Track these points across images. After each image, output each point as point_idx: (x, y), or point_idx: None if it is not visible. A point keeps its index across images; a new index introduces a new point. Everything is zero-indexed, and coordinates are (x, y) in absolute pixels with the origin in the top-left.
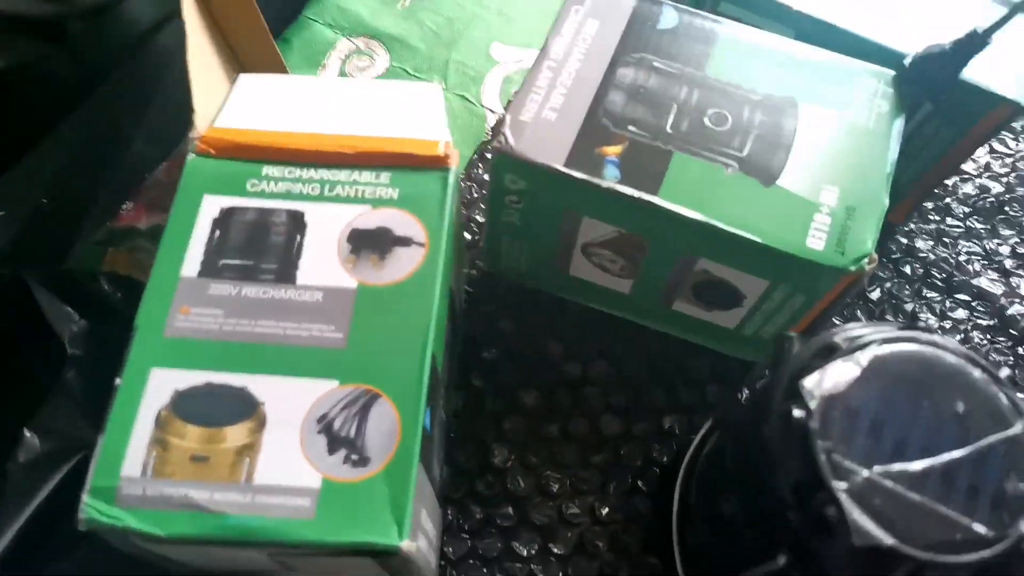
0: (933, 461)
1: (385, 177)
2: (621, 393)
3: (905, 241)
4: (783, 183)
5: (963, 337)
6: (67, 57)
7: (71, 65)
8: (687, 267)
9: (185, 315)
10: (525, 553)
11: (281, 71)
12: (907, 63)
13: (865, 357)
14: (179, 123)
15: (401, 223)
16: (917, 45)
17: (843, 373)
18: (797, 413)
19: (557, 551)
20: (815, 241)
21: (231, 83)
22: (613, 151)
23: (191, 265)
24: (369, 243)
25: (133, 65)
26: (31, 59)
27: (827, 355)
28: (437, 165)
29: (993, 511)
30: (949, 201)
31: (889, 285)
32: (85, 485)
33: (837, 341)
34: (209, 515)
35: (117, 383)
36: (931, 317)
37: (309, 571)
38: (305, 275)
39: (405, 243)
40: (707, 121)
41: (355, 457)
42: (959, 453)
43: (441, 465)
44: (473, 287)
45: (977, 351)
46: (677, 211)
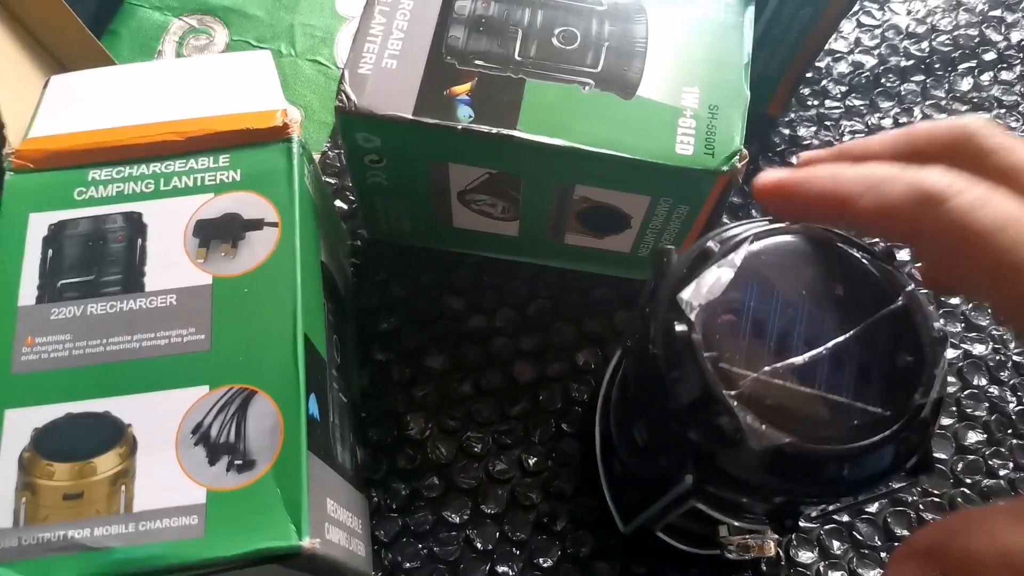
0: (820, 350)
1: (224, 160)
2: (530, 337)
3: (787, 132)
4: (643, 93)
5: None
6: None
7: None
8: (566, 197)
9: (31, 347)
10: (458, 520)
11: (108, 64)
12: None
13: (739, 257)
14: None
15: (249, 206)
16: None
17: (719, 277)
18: (679, 327)
19: (490, 511)
20: (683, 147)
21: None
22: (463, 90)
23: (28, 292)
24: (217, 233)
25: None
26: None
27: (702, 262)
28: (277, 137)
29: (887, 390)
30: (825, 83)
31: None
32: None
33: (710, 246)
34: (93, 553)
35: None
36: None
37: None
38: (153, 280)
39: (256, 226)
40: (555, 41)
41: (239, 462)
42: (844, 337)
43: (352, 450)
44: (359, 257)
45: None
46: (539, 141)
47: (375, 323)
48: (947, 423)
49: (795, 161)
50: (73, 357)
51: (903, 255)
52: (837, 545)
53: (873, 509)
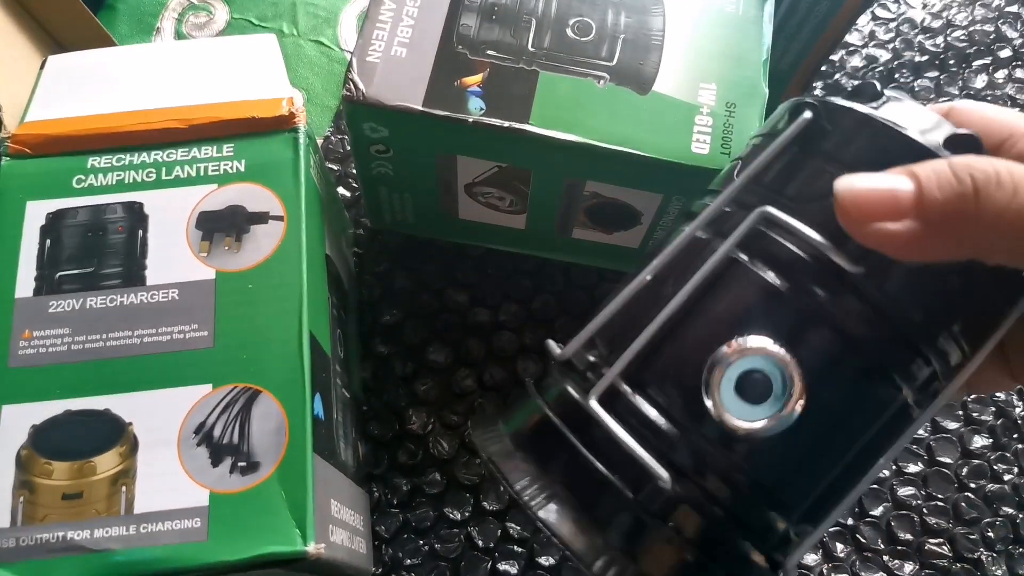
0: None
1: (228, 149)
2: (534, 332)
3: None
4: (659, 88)
5: None
6: None
7: None
8: (575, 192)
9: (28, 341)
10: (459, 517)
11: (107, 44)
12: None
13: None
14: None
15: (253, 198)
16: None
17: None
18: None
19: (492, 508)
20: (699, 145)
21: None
22: (474, 81)
23: (25, 284)
24: (221, 225)
25: None
26: None
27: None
28: (283, 126)
29: None
30: (839, 77)
31: None
32: None
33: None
34: (93, 556)
35: None
36: None
37: None
38: (155, 273)
39: (261, 219)
40: (570, 32)
41: (242, 464)
42: None
43: (354, 445)
44: (362, 248)
45: None
46: (552, 136)
47: (377, 315)
48: (953, 427)
49: None
50: (72, 352)
51: None
52: (840, 548)
53: (877, 512)
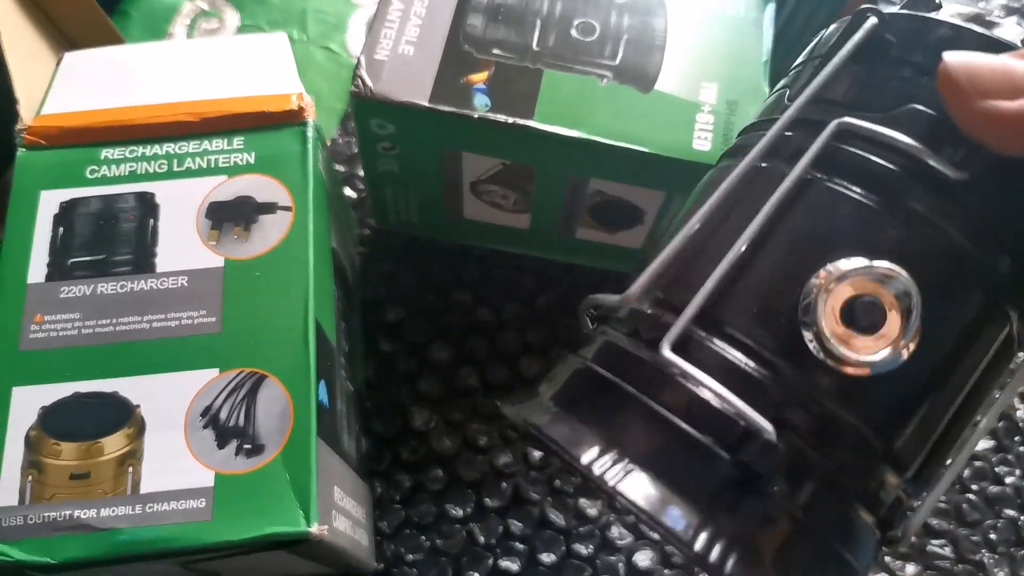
0: None
1: (238, 142)
2: (536, 332)
3: None
4: (661, 87)
5: None
6: None
7: None
8: (580, 190)
9: (39, 325)
10: (461, 513)
11: (118, 44)
12: None
13: None
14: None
15: (262, 188)
16: None
17: None
18: None
19: (494, 505)
20: (701, 142)
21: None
22: (480, 78)
23: (37, 270)
24: (230, 215)
25: None
26: None
27: None
28: (293, 121)
29: None
30: None
31: None
32: None
33: None
34: (99, 534)
35: None
36: None
37: (236, 572)
38: (165, 261)
39: (269, 209)
40: (574, 33)
41: (248, 446)
42: None
43: (357, 439)
44: (366, 247)
45: None
46: (556, 132)
47: (381, 313)
48: None
49: None
50: (82, 336)
51: None
52: None
53: None
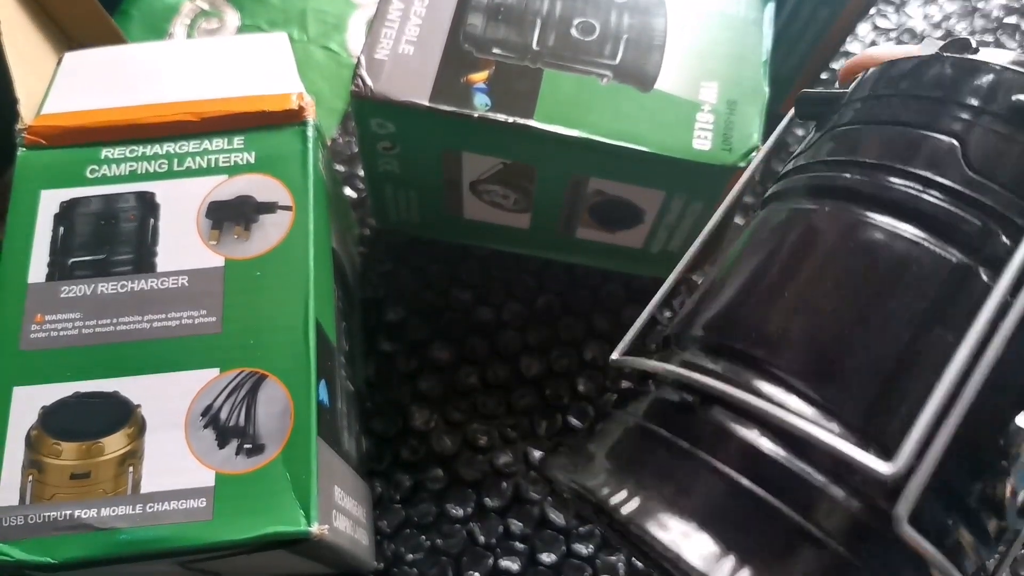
0: None
1: (238, 141)
2: (537, 332)
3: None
4: (661, 86)
5: None
6: None
7: None
8: (580, 190)
9: (40, 324)
10: (461, 513)
11: (119, 43)
12: None
13: None
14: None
15: (263, 188)
16: None
17: None
18: None
19: (494, 505)
20: (701, 142)
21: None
22: (480, 77)
23: (37, 269)
24: (231, 215)
25: None
26: None
27: None
28: (293, 120)
29: None
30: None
31: None
32: None
33: None
34: (99, 533)
35: None
36: None
37: (236, 573)
38: (165, 260)
39: (270, 209)
40: (574, 32)
41: (248, 446)
42: None
43: (358, 438)
44: (367, 247)
45: None
46: (556, 131)
47: (381, 313)
48: None
49: None
50: (83, 336)
51: None
52: None
53: None
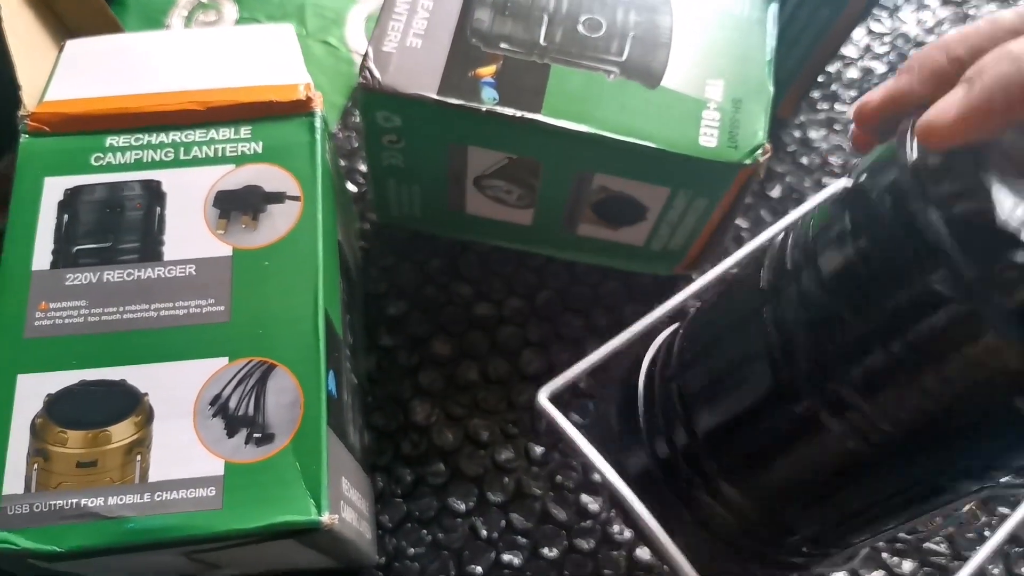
0: None
1: (245, 131)
2: (537, 327)
3: (798, 134)
4: (667, 83)
5: None
6: None
7: None
8: (584, 185)
9: (44, 312)
10: (463, 508)
11: (116, 32)
12: None
13: None
14: (15, 109)
15: (270, 178)
16: None
17: None
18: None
19: (496, 499)
20: (707, 139)
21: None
22: (488, 72)
23: (42, 257)
24: (238, 204)
25: None
26: None
27: None
28: (300, 111)
29: None
30: (835, 88)
31: (789, 179)
32: None
33: None
34: (106, 522)
35: None
36: None
37: (239, 565)
38: (172, 249)
39: (278, 199)
40: (581, 28)
41: (258, 435)
42: None
43: (361, 432)
44: (368, 242)
45: None
46: (562, 126)
47: (382, 308)
48: None
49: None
50: (88, 324)
51: None
52: None
53: None
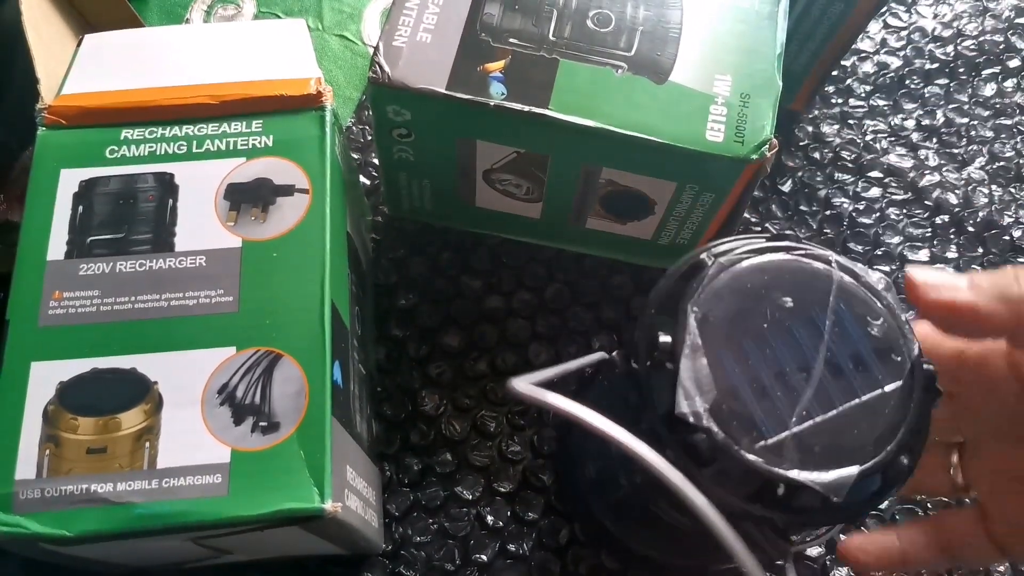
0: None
1: (257, 125)
2: (546, 320)
3: (811, 128)
4: (675, 78)
5: (879, 215)
6: None
7: None
8: (592, 180)
9: (58, 301)
10: (470, 497)
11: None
12: None
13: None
14: (35, 103)
15: (280, 171)
16: None
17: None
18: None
19: (503, 489)
20: (714, 134)
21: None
22: (496, 67)
23: (57, 247)
24: (248, 197)
25: None
26: None
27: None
28: (311, 105)
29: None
30: (850, 82)
31: (801, 174)
32: None
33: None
34: (115, 507)
35: None
36: (844, 200)
37: (248, 551)
38: (184, 240)
39: (287, 192)
40: (590, 23)
41: (264, 424)
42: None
43: (368, 421)
44: (379, 234)
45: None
46: (570, 121)
47: (392, 299)
48: None
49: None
50: (101, 313)
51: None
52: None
53: (883, 505)
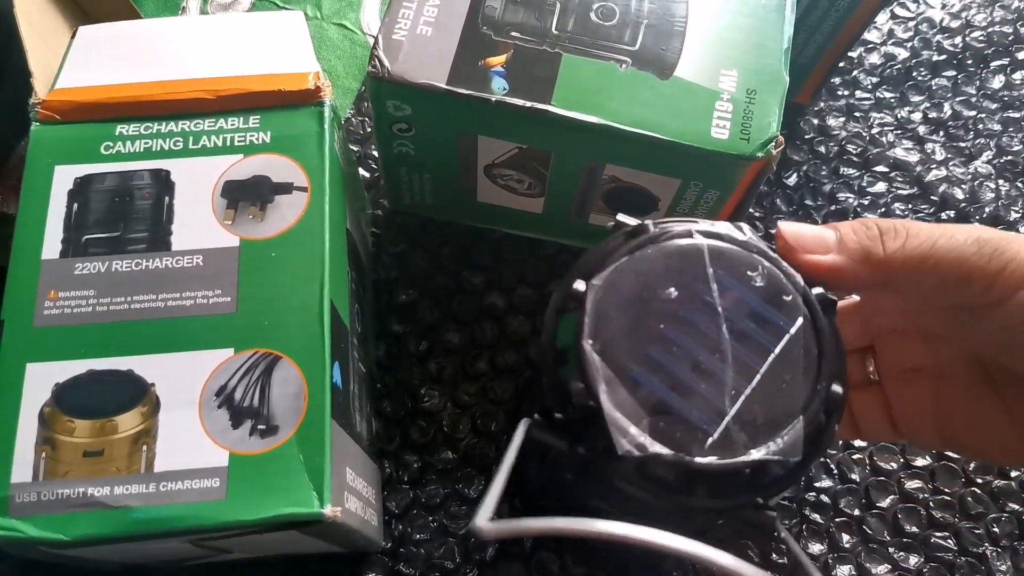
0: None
1: (254, 120)
2: None
3: (816, 121)
4: (680, 74)
5: (885, 211)
6: None
7: None
8: (594, 176)
9: (53, 301)
10: (470, 494)
11: (134, 18)
12: None
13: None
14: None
15: (278, 168)
16: None
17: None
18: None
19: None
20: (719, 131)
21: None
22: (498, 61)
23: (51, 246)
24: (246, 194)
25: None
26: None
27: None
28: (309, 100)
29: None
30: (856, 74)
31: (806, 168)
32: None
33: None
34: (112, 511)
35: None
36: (850, 195)
37: (247, 550)
38: (180, 239)
39: (285, 189)
40: (594, 17)
41: (262, 427)
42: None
43: (368, 419)
44: (379, 228)
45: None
46: (573, 117)
47: (393, 295)
48: None
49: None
50: (97, 313)
51: None
52: (846, 539)
53: (884, 504)
